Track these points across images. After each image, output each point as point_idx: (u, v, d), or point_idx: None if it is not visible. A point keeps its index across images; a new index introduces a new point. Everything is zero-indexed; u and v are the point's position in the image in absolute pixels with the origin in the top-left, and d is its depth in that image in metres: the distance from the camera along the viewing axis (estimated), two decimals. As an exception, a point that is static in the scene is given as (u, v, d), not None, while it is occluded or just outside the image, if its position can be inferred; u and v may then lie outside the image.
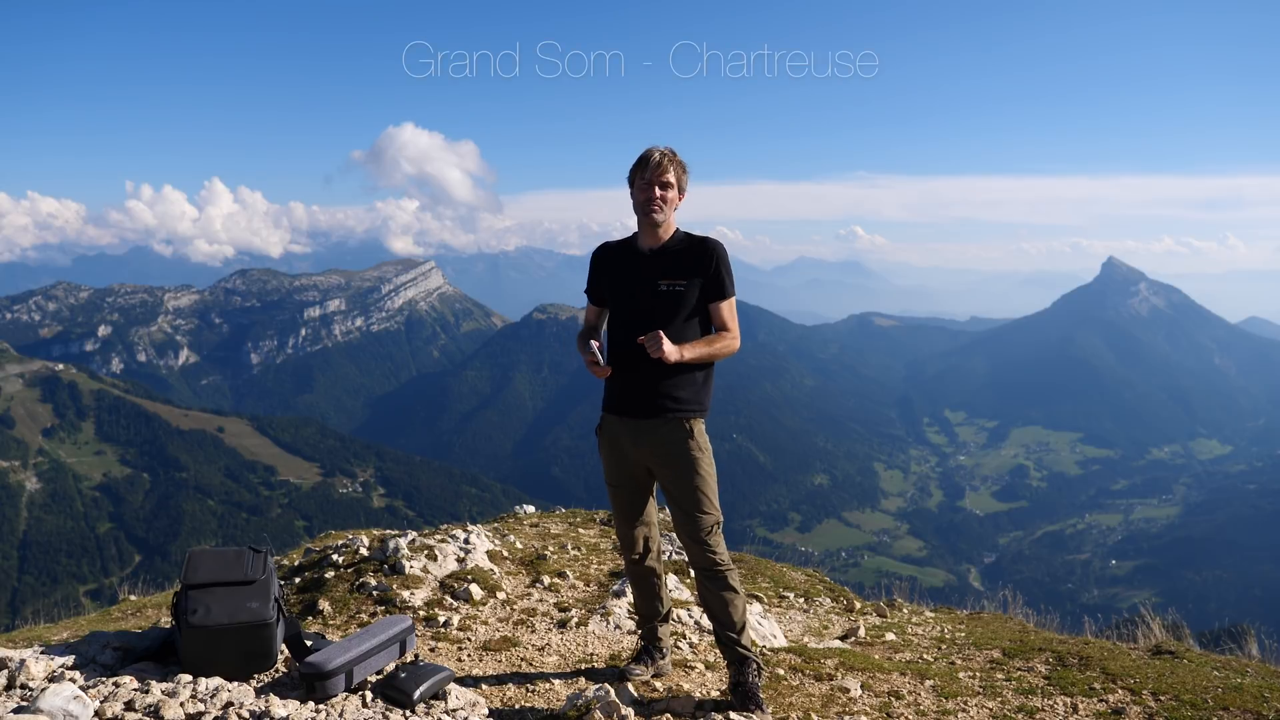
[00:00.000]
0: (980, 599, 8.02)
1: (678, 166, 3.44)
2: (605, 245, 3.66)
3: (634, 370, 3.42)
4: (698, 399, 3.48)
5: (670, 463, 3.45)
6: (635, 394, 3.44)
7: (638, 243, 3.54)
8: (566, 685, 3.74)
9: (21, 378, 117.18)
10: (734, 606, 3.52)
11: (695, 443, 3.44)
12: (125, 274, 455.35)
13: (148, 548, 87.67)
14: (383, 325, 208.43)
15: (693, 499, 3.43)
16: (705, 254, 3.45)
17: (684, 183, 3.50)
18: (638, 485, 3.61)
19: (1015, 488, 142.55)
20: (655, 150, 3.43)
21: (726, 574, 3.49)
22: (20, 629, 7.19)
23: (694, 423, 3.46)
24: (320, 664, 3.09)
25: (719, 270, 3.43)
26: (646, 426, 3.44)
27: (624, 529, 3.68)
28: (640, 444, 3.47)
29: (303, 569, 5.60)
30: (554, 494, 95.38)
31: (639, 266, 3.48)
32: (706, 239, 3.50)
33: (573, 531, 8.15)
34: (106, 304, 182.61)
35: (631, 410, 3.46)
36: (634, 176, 3.45)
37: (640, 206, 3.44)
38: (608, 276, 3.58)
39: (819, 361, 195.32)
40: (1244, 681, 4.04)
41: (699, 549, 3.46)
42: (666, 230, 3.50)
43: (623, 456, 3.55)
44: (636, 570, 3.76)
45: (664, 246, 3.48)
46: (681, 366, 3.40)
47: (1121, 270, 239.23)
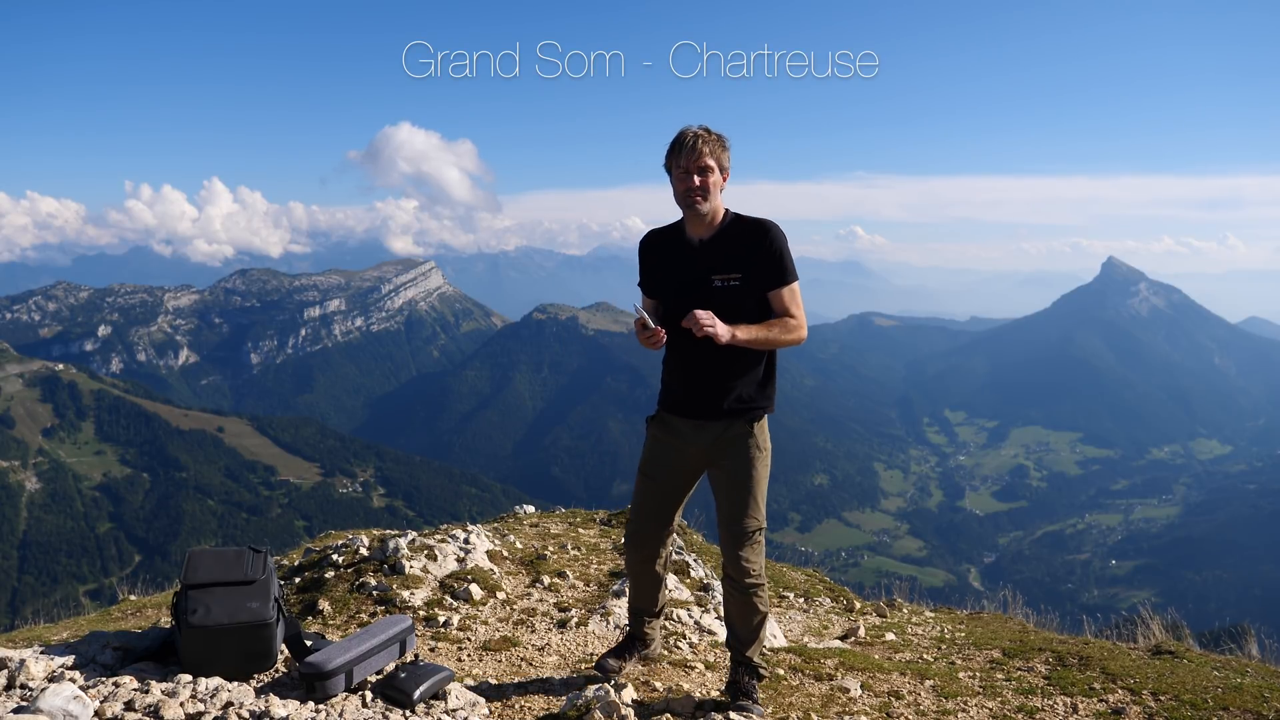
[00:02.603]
0: (980, 599, 8.04)
1: (716, 145, 3.12)
2: (653, 234, 3.39)
3: (692, 368, 3.23)
4: (762, 396, 3.30)
5: (727, 461, 3.28)
6: (695, 393, 3.25)
7: (686, 231, 3.27)
8: (566, 685, 3.74)
9: (21, 378, 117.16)
10: (752, 623, 3.41)
11: (755, 441, 3.27)
12: (125, 274, 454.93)
13: (148, 548, 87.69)
14: (383, 325, 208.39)
15: (742, 501, 3.27)
16: (760, 238, 3.16)
17: (726, 161, 3.16)
18: (678, 485, 3.42)
19: (1015, 488, 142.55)
20: (689, 132, 3.11)
21: (755, 589, 3.33)
22: (20, 629, 7.18)
23: (756, 422, 3.28)
24: (320, 664, 3.09)
25: (777, 254, 3.15)
26: (708, 427, 3.27)
27: (648, 525, 3.46)
28: (699, 443, 3.29)
29: (303, 569, 5.60)
30: (554, 494, 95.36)
31: (689, 260, 3.22)
32: (761, 222, 3.19)
33: (573, 531, 8.15)
34: (106, 304, 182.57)
35: (692, 411, 3.28)
36: (670, 164, 3.15)
37: (681, 198, 3.16)
38: (658, 269, 3.33)
39: (819, 361, 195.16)
40: (1244, 681, 4.04)
41: (735, 554, 3.30)
42: (715, 216, 3.20)
43: (673, 451, 3.36)
44: (645, 569, 3.57)
45: (715, 235, 3.21)
46: (742, 362, 3.20)
47: (1121, 270, 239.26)
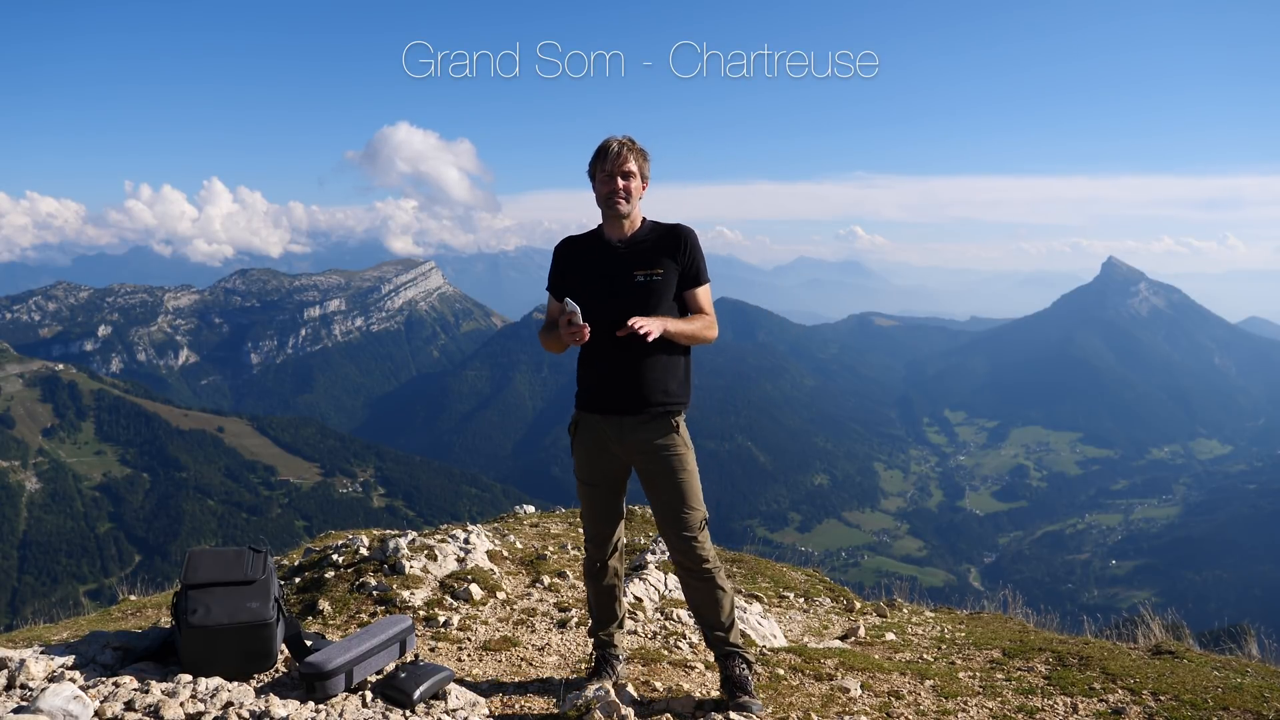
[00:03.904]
0: (980, 599, 8.03)
1: (638, 155, 3.32)
2: (569, 239, 3.53)
3: (612, 366, 3.31)
4: (681, 392, 3.40)
5: (656, 459, 3.35)
6: (616, 390, 3.32)
7: (604, 235, 3.42)
8: (566, 685, 3.74)
9: (21, 378, 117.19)
10: (722, 606, 3.46)
11: (680, 437, 3.36)
12: (125, 274, 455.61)
13: (148, 548, 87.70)
14: (383, 325, 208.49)
15: (680, 495, 3.35)
16: (677, 241, 3.35)
17: (646, 170, 3.37)
18: (615, 484, 3.52)
19: (1015, 488, 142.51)
20: (613, 140, 3.30)
21: (714, 573, 3.42)
22: (20, 629, 7.18)
23: (678, 418, 3.38)
24: (320, 664, 3.09)
25: (693, 256, 3.35)
26: (630, 424, 3.34)
27: (598, 528, 3.58)
28: (624, 441, 3.36)
29: (303, 569, 5.60)
30: (554, 494, 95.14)
31: (610, 259, 3.36)
32: (676, 226, 3.40)
33: (573, 531, 8.16)
34: (106, 304, 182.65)
35: (613, 407, 3.34)
36: (594, 169, 3.34)
37: (604, 199, 3.33)
38: (576, 271, 3.42)
39: (819, 361, 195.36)
40: (1244, 681, 4.04)
41: (686, 547, 3.37)
42: (634, 221, 3.39)
43: (602, 454, 3.45)
44: (601, 571, 3.65)
45: (634, 237, 3.38)
46: (664, 359, 3.32)
47: (1121, 270, 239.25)
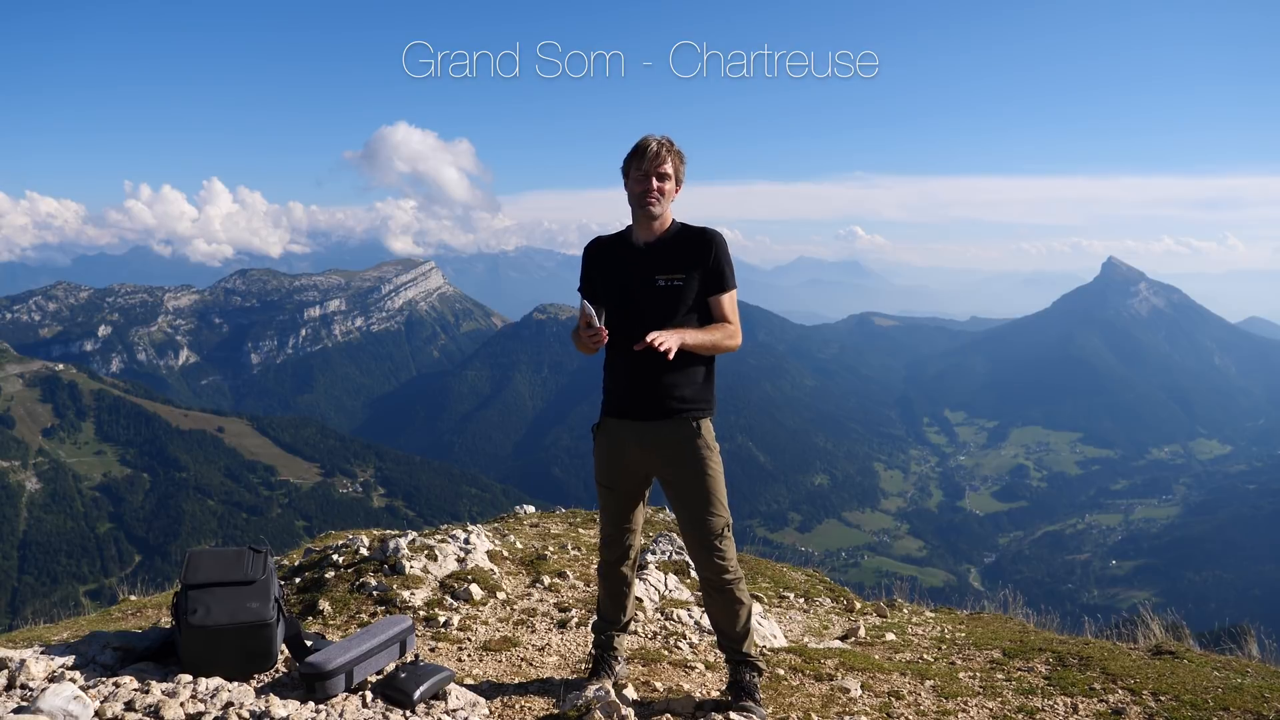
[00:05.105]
0: (980, 599, 8.03)
1: (675, 156, 3.29)
2: (597, 240, 3.51)
3: (632, 370, 3.26)
4: (703, 397, 3.34)
5: (678, 464, 3.30)
6: (639, 395, 3.29)
7: (632, 236, 3.39)
8: (567, 685, 3.74)
9: (21, 378, 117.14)
10: (739, 618, 3.41)
11: (703, 441, 3.30)
12: (125, 274, 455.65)
13: (148, 548, 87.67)
14: (383, 325, 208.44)
15: (702, 501, 3.29)
16: (704, 245, 3.30)
17: (682, 174, 3.34)
18: (635, 488, 3.47)
19: (1015, 488, 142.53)
20: (652, 139, 3.27)
21: (734, 584, 3.34)
22: (20, 629, 7.17)
23: (701, 421, 3.33)
24: (320, 664, 3.09)
25: (719, 262, 3.29)
26: (653, 429, 3.30)
27: (613, 531, 3.54)
28: (645, 445, 3.32)
29: (303, 569, 5.59)
30: (554, 494, 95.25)
31: (635, 261, 3.32)
32: (705, 229, 3.34)
33: (573, 531, 8.16)
34: (106, 304, 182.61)
35: (637, 413, 3.31)
36: (629, 167, 3.29)
37: (636, 198, 3.29)
38: (601, 273, 3.40)
39: (819, 361, 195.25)
40: (1244, 681, 4.04)
41: (707, 555, 3.31)
42: (663, 223, 3.34)
43: (623, 458, 3.40)
44: (614, 573, 3.60)
45: (660, 239, 3.33)
46: (684, 363, 3.24)
47: (1121, 270, 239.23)
